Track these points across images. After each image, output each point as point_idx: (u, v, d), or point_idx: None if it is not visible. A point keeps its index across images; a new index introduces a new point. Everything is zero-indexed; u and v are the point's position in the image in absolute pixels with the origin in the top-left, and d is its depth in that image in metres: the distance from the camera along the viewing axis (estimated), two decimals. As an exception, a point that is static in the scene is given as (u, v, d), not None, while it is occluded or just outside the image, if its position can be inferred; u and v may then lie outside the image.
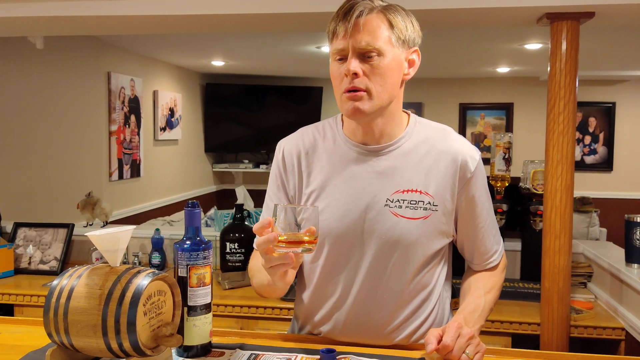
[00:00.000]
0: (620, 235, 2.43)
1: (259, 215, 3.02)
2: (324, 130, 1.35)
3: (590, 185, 6.29)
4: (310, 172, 1.31)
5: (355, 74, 1.18)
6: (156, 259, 2.86)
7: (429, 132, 1.32)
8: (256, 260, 1.31)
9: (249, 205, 3.29)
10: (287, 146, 1.35)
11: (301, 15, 2.22)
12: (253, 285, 1.35)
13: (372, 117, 1.24)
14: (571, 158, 2.11)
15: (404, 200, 1.25)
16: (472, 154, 1.29)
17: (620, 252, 2.48)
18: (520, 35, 3.98)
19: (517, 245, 2.76)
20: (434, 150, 1.28)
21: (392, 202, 1.25)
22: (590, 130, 6.51)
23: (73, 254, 3.04)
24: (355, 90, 1.19)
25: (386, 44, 1.18)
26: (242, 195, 3.28)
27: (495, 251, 1.37)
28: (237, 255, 2.73)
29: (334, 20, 1.20)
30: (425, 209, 1.25)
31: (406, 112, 1.34)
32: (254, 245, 1.07)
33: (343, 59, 1.20)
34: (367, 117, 1.22)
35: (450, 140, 1.30)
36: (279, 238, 1.05)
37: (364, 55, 1.18)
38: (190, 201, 1.19)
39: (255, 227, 1.08)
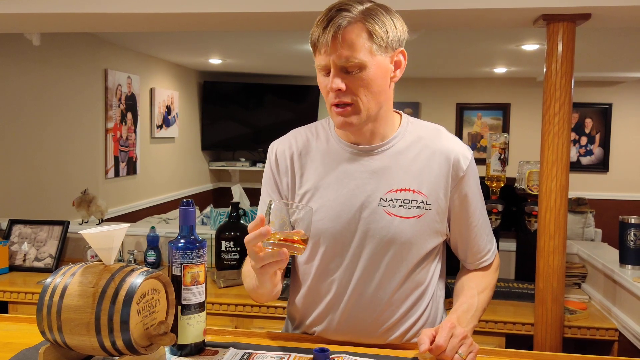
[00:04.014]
0: (615, 236, 2.43)
1: (255, 214, 3.02)
2: (317, 131, 1.35)
3: (586, 186, 6.31)
4: (303, 172, 1.32)
5: (339, 90, 1.18)
6: (151, 257, 2.86)
7: (421, 131, 1.32)
8: (248, 265, 1.32)
9: (245, 203, 3.29)
10: (280, 147, 1.35)
11: (299, 14, 2.22)
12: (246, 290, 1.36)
13: (362, 126, 1.25)
14: (566, 159, 2.11)
15: (397, 199, 1.26)
16: (464, 153, 1.30)
17: (615, 253, 2.49)
18: (517, 36, 3.98)
19: (511, 245, 2.77)
20: (427, 150, 1.29)
21: (385, 201, 1.25)
22: (587, 131, 6.52)
23: (68, 251, 3.04)
24: (342, 104, 1.19)
25: (367, 56, 1.16)
26: (238, 194, 3.28)
27: (488, 250, 1.38)
28: (233, 253, 2.73)
29: (315, 32, 1.18)
30: (418, 207, 1.26)
31: (398, 113, 1.34)
32: (245, 242, 1.07)
33: (327, 73, 1.19)
34: (357, 127, 1.24)
35: (442, 139, 1.31)
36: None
37: (347, 70, 1.17)
38: (184, 199, 1.20)
39: (250, 226, 1.08)
